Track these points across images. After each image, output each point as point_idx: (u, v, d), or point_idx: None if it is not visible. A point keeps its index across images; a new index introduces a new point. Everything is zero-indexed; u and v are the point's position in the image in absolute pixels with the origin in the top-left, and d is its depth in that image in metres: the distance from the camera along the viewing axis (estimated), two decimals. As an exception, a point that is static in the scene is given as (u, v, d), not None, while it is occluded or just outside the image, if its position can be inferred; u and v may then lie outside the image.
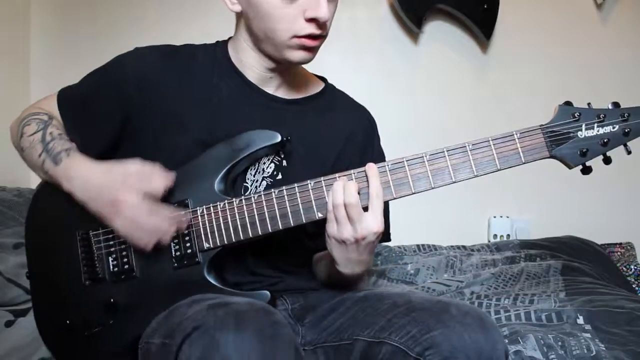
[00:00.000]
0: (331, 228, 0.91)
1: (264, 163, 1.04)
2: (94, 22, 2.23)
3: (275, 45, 0.98)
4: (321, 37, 0.98)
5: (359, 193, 0.89)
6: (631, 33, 2.26)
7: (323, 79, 1.18)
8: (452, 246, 1.96)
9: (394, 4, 2.18)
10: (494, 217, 2.25)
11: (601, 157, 0.89)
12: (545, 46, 2.25)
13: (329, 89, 1.17)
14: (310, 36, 0.96)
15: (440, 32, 2.25)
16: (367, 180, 0.90)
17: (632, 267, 1.82)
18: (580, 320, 1.23)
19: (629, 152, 0.89)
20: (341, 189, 0.89)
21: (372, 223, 0.88)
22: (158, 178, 0.93)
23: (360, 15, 2.26)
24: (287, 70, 1.07)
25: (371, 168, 0.90)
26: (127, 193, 0.91)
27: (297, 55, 0.99)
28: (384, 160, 1.18)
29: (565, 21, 2.26)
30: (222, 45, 1.10)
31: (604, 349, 1.10)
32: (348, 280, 1.03)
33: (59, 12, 2.25)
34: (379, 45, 2.26)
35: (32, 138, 1.02)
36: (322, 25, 0.96)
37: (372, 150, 1.17)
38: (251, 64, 1.06)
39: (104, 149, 1.07)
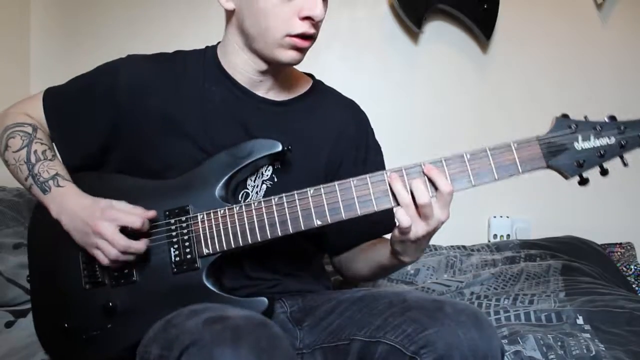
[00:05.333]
0: (408, 234, 0.89)
1: (263, 167, 1.05)
2: (94, 22, 2.23)
3: (267, 43, 0.99)
4: (312, 39, 1.00)
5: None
6: (631, 33, 2.25)
7: (310, 75, 1.18)
8: (452, 246, 1.96)
9: (394, 4, 2.18)
10: (494, 217, 2.25)
11: (598, 168, 0.90)
12: (545, 46, 2.25)
13: (318, 85, 1.17)
14: (302, 36, 0.97)
15: (440, 32, 2.25)
16: (432, 182, 0.89)
17: (632, 267, 1.82)
18: (580, 321, 1.24)
19: (625, 165, 0.89)
20: (406, 191, 0.88)
21: (440, 214, 0.88)
22: (138, 216, 0.95)
23: (360, 15, 2.25)
24: (277, 73, 1.07)
25: (431, 170, 0.89)
26: (106, 223, 0.93)
27: (287, 55, 0.99)
28: (381, 154, 1.19)
29: (565, 21, 2.25)
30: (211, 50, 1.11)
31: (603, 349, 1.10)
32: (398, 268, 1.09)
33: (59, 12, 2.24)
34: (379, 45, 2.26)
35: (17, 155, 1.03)
36: (316, 25, 0.98)
37: (367, 143, 1.18)
38: (241, 67, 1.06)
39: (91, 155, 1.08)
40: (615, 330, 1.18)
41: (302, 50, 1.00)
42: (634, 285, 1.74)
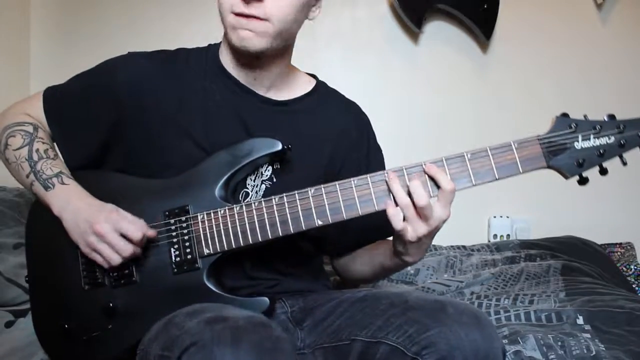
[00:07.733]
0: (408, 234, 0.89)
1: (262, 167, 1.04)
2: (94, 22, 2.23)
3: (225, 27, 0.99)
4: (254, 18, 0.94)
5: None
6: (631, 33, 2.26)
7: (314, 76, 1.18)
8: (452, 246, 1.97)
9: (394, 4, 2.18)
10: (494, 217, 2.25)
11: (597, 167, 0.90)
12: (545, 46, 2.25)
13: (320, 87, 1.16)
14: (241, 14, 0.94)
15: (440, 32, 2.25)
16: (434, 180, 0.88)
17: (632, 267, 1.82)
18: (580, 321, 1.24)
19: (625, 164, 0.89)
20: (403, 191, 0.88)
21: (441, 213, 0.88)
22: (140, 228, 0.94)
23: (360, 15, 2.25)
24: (266, 70, 1.05)
25: (432, 168, 0.89)
26: (107, 225, 0.93)
27: (234, 35, 0.97)
28: (382, 156, 1.19)
29: (565, 21, 2.25)
30: (213, 49, 1.10)
31: (603, 349, 1.10)
32: (401, 268, 1.10)
33: (59, 12, 2.24)
34: (379, 45, 2.26)
35: (17, 153, 1.02)
36: (248, 3, 0.93)
37: (368, 146, 1.18)
38: (229, 63, 1.06)
39: (92, 154, 1.07)
40: (615, 330, 1.18)
41: (250, 31, 0.95)
42: (634, 285, 1.74)
